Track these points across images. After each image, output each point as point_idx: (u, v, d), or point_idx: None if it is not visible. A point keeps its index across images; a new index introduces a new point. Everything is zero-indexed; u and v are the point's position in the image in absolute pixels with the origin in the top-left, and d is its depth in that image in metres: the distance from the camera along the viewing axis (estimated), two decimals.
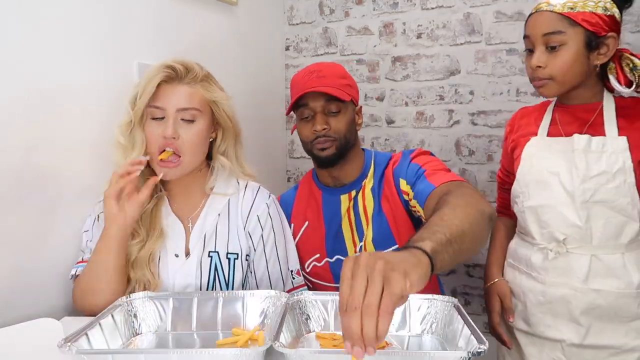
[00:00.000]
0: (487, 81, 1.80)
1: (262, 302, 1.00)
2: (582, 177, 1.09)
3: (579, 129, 1.13)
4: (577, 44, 1.06)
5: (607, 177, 1.07)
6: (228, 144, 1.17)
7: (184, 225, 1.15)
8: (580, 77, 1.10)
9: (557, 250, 1.12)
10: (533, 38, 1.10)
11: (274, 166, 2.13)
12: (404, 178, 1.22)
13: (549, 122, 1.19)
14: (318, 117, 1.22)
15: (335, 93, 1.19)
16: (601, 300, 1.08)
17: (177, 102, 1.07)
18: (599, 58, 1.08)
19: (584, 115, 1.14)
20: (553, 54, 1.08)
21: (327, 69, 1.24)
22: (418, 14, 1.89)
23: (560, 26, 1.06)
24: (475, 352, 0.77)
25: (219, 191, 1.18)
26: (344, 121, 1.23)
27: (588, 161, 1.09)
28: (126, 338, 0.94)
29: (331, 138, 1.22)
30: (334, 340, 0.92)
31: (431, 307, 0.97)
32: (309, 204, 1.35)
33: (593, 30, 1.05)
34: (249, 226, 1.17)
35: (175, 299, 1.00)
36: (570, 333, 1.11)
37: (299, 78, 1.25)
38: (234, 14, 1.77)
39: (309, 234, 1.32)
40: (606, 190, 1.07)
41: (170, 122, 1.06)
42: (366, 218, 1.26)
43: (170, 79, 1.08)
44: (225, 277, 1.14)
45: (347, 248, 1.28)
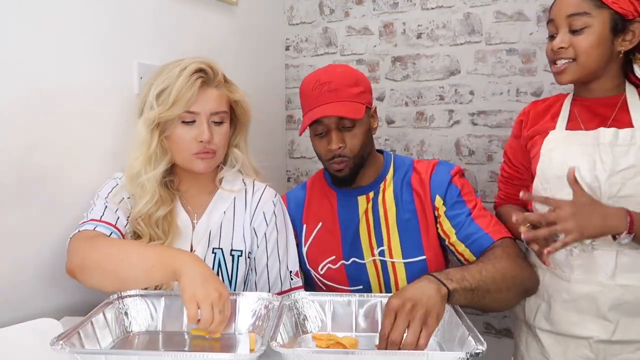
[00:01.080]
0: (487, 81, 1.80)
1: (254, 304, 1.00)
2: (609, 171, 1.05)
3: (599, 124, 1.09)
4: (603, 27, 1.03)
5: (635, 170, 1.03)
6: (240, 138, 1.22)
7: (190, 221, 1.17)
8: (602, 63, 1.06)
9: (582, 248, 1.08)
10: (557, 20, 1.07)
11: (274, 166, 2.13)
12: (441, 196, 1.21)
13: (567, 116, 1.16)
14: (333, 136, 1.17)
15: (347, 114, 1.14)
16: (629, 296, 1.05)
17: (210, 107, 1.10)
18: (623, 44, 1.05)
19: (605, 110, 1.10)
20: (576, 36, 1.05)
21: (338, 80, 1.16)
22: (418, 14, 1.89)
23: (586, 7, 1.02)
24: (473, 353, 0.77)
25: (227, 187, 1.20)
26: (359, 134, 1.19)
27: (615, 155, 1.05)
28: (116, 336, 0.94)
29: (346, 158, 1.19)
30: (329, 340, 0.92)
31: None
32: (321, 204, 1.32)
33: (621, 13, 1.01)
34: (254, 222, 1.19)
35: (166, 298, 1.01)
36: (598, 330, 1.08)
37: (308, 90, 1.19)
38: (234, 14, 1.77)
39: (323, 235, 1.30)
40: (633, 184, 1.04)
41: (205, 127, 1.09)
42: (386, 222, 1.24)
43: (203, 83, 1.09)
44: (229, 274, 1.14)
45: (363, 251, 1.25)
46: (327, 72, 1.20)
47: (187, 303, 0.87)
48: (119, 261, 0.97)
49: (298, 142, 2.18)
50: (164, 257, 0.96)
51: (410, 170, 1.27)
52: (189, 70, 1.07)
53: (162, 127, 1.10)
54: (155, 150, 1.09)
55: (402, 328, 0.84)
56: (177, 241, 1.13)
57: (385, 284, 1.24)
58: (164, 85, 1.07)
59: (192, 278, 0.90)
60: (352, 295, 1.01)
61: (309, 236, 1.31)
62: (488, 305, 1.04)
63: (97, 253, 1.00)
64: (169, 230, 1.12)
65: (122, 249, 1.01)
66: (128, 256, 0.98)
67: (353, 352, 0.80)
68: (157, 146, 1.09)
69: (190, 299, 0.87)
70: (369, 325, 1.00)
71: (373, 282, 1.25)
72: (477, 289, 0.97)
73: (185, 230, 1.15)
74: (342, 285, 1.28)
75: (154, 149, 1.09)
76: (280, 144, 2.17)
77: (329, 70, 1.21)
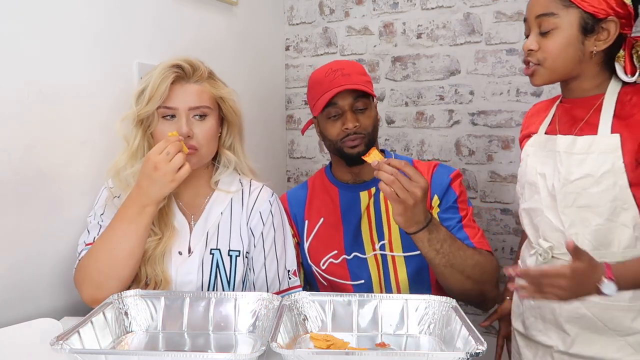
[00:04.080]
0: (487, 81, 1.80)
1: (254, 304, 1.00)
2: (563, 180, 1.02)
3: (572, 128, 1.05)
4: (571, 27, 0.97)
5: (590, 180, 0.98)
6: (234, 139, 1.21)
7: (187, 223, 1.16)
8: (573, 65, 1.00)
9: (544, 257, 1.06)
10: (529, 21, 1.04)
11: (274, 166, 2.13)
12: (439, 197, 1.25)
13: (550, 120, 1.13)
14: (348, 115, 1.23)
15: (365, 89, 1.21)
16: (585, 310, 1.01)
17: (188, 101, 1.09)
18: (597, 44, 0.98)
19: (580, 112, 1.05)
20: (545, 38, 1.01)
21: (349, 67, 1.25)
22: (418, 14, 1.89)
23: (553, 7, 0.98)
24: (474, 353, 0.77)
25: (223, 188, 1.20)
26: (371, 117, 1.26)
27: (570, 164, 1.01)
28: (116, 336, 0.94)
29: (361, 135, 1.23)
30: (327, 341, 0.92)
31: (429, 307, 0.97)
32: (323, 200, 1.34)
33: (591, 12, 0.96)
34: (251, 222, 1.19)
35: (166, 298, 1.01)
36: (557, 340, 1.07)
37: (320, 77, 1.25)
38: (234, 14, 1.77)
39: (325, 231, 1.31)
40: (589, 194, 0.99)
41: (184, 121, 1.09)
42: (387, 217, 1.26)
43: (179, 79, 1.10)
44: (227, 274, 1.14)
45: (365, 246, 1.28)
46: (338, 62, 1.28)
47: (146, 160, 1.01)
48: (111, 249, 1.03)
49: (298, 142, 2.18)
50: (127, 209, 1.03)
51: None
52: (163, 66, 1.09)
53: (145, 124, 1.11)
54: (138, 147, 1.11)
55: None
56: (175, 242, 1.13)
57: (385, 279, 1.25)
58: (144, 84, 1.10)
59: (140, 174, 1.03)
60: (353, 295, 1.01)
61: (311, 232, 1.32)
62: (449, 274, 1.13)
63: (94, 263, 1.04)
64: (166, 227, 1.12)
65: (101, 241, 1.05)
66: (111, 238, 1.03)
67: (353, 352, 0.80)
68: (140, 143, 1.11)
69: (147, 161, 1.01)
70: (369, 325, 0.99)
71: (374, 277, 1.26)
72: (449, 247, 1.10)
73: (182, 230, 1.15)
74: (343, 280, 1.28)
75: (137, 145, 1.11)
76: (280, 144, 2.17)
77: (338, 61, 1.29)
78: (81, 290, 1.05)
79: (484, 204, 1.84)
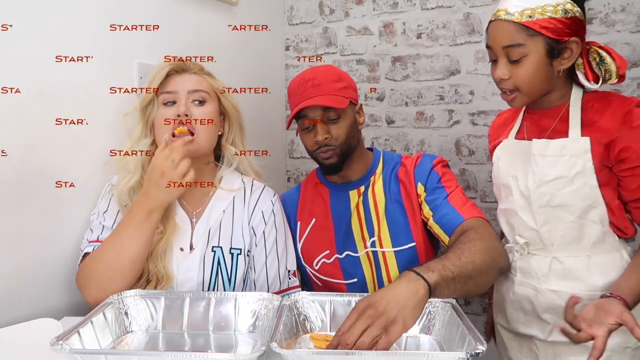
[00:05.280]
0: (487, 81, 1.80)
1: (254, 304, 1.00)
2: (537, 182, 1.08)
3: (540, 136, 1.11)
4: (539, 54, 1.02)
5: (564, 181, 1.06)
6: (235, 134, 1.24)
7: (189, 219, 1.17)
8: (546, 85, 1.07)
9: (521, 252, 1.15)
10: (495, 49, 1.07)
11: (274, 166, 2.13)
12: (422, 183, 1.25)
13: (517, 128, 1.20)
14: (318, 128, 1.21)
15: (330, 103, 1.18)
16: (560, 301, 1.07)
17: (188, 86, 1.15)
18: (563, 63, 1.05)
19: (547, 121, 1.12)
20: (515, 65, 1.04)
21: (321, 76, 1.22)
22: (418, 14, 1.89)
23: (519, 38, 1.02)
24: (473, 353, 0.77)
25: (225, 186, 1.21)
26: (344, 126, 1.23)
27: (544, 166, 1.08)
28: (116, 336, 0.94)
29: (332, 147, 1.22)
30: (327, 341, 0.92)
31: (429, 307, 0.97)
32: (315, 201, 1.35)
33: (554, 38, 1.01)
34: (253, 221, 1.20)
35: (167, 298, 1.01)
36: (537, 330, 1.13)
37: (294, 87, 1.24)
38: (234, 14, 1.77)
39: (317, 231, 1.32)
40: (563, 194, 1.06)
41: (183, 102, 1.13)
42: (377, 214, 1.27)
43: (181, 70, 1.18)
44: (228, 272, 1.15)
45: (356, 244, 1.28)
46: (311, 71, 1.26)
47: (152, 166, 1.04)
48: (117, 253, 1.04)
49: (298, 142, 2.17)
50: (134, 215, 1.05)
51: (398, 164, 1.31)
52: (162, 62, 1.17)
53: (147, 113, 1.16)
54: (140, 134, 1.16)
55: (358, 331, 0.79)
56: (177, 239, 1.13)
57: (377, 276, 1.26)
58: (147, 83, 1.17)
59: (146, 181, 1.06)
60: (353, 295, 1.01)
61: (303, 232, 1.33)
62: (471, 291, 1.00)
63: (100, 266, 1.05)
64: (168, 222, 1.13)
65: (107, 244, 1.06)
66: (117, 243, 1.05)
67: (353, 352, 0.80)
68: (142, 130, 1.16)
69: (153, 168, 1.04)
70: None
71: (367, 275, 1.27)
72: (459, 276, 0.93)
73: (184, 228, 1.15)
74: (337, 279, 1.29)
75: (139, 132, 1.16)
76: (280, 144, 2.17)
77: (313, 69, 1.27)
78: (85, 292, 1.06)
79: (484, 204, 1.84)
